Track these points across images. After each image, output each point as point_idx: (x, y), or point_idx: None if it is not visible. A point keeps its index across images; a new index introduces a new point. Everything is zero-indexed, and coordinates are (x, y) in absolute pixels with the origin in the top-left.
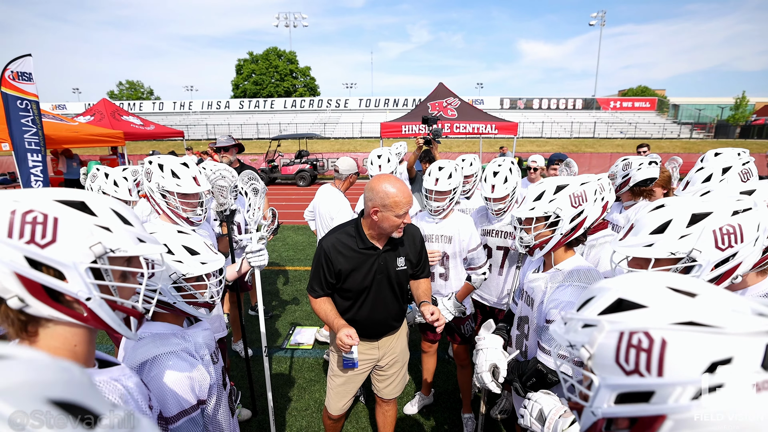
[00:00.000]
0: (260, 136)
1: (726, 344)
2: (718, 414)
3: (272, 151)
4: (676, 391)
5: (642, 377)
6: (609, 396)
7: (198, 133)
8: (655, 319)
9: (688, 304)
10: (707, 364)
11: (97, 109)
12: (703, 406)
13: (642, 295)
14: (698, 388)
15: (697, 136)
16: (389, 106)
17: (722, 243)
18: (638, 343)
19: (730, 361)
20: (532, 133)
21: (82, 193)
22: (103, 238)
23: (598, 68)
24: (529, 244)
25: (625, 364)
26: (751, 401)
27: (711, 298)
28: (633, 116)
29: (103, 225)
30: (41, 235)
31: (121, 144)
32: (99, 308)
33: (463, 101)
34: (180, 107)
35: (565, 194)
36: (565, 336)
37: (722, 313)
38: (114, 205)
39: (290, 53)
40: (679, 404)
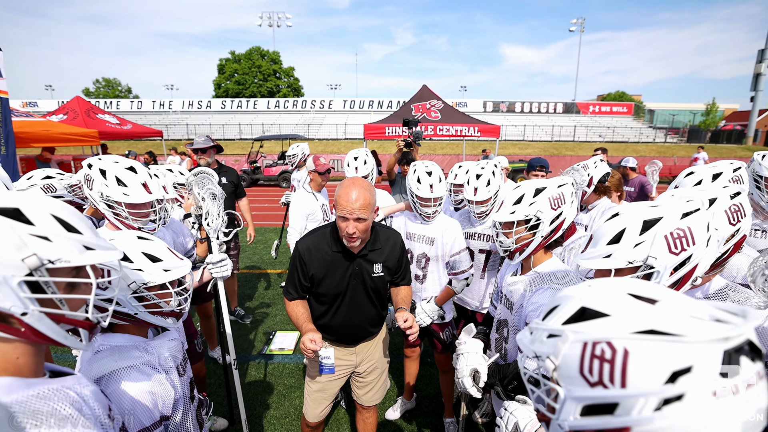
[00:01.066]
0: (243, 137)
1: (686, 353)
2: (680, 423)
3: (255, 152)
4: (639, 403)
5: (606, 389)
6: (575, 408)
7: (178, 132)
8: (617, 329)
9: (648, 312)
10: (668, 374)
11: (70, 107)
12: (665, 416)
13: (604, 304)
14: (660, 399)
15: (671, 141)
16: (374, 107)
17: (675, 247)
18: (601, 354)
19: (690, 370)
20: (514, 136)
21: (17, 199)
22: (38, 248)
23: (578, 73)
24: (509, 247)
25: (589, 375)
26: (710, 409)
27: (671, 304)
28: (611, 120)
29: (41, 234)
30: None
31: (96, 143)
32: (38, 322)
33: (446, 104)
34: (159, 106)
35: (544, 197)
36: (531, 346)
37: (682, 321)
38: (56, 211)
39: (274, 53)
40: (642, 416)
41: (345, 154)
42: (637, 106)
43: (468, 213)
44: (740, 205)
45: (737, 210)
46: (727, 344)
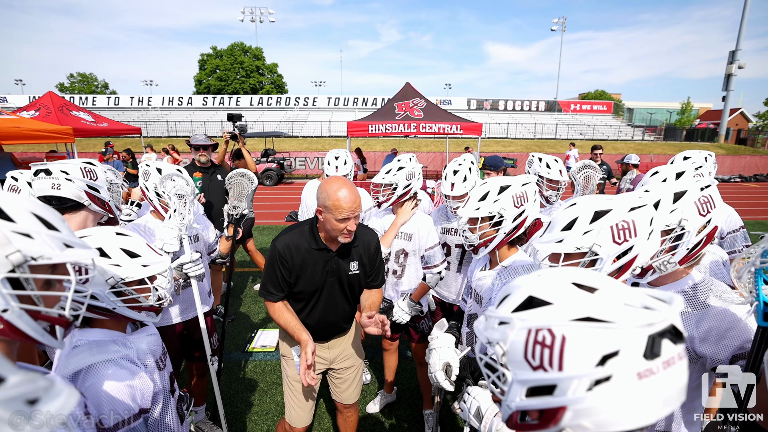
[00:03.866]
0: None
1: (614, 338)
2: (607, 401)
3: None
4: (573, 384)
5: (546, 372)
6: (520, 390)
7: (158, 130)
8: (557, 316)
9: (586, 301)
10: (599, 358)
11: (42, 102)
12: (596, 396)
13: (548, 293)
14: (592, 380)
15: (648, 138)
16: (358, 105)
17: (618, 237)
18: (543, 340)
19: (617, 354)
20: (497, 134)
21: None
22: (22, 245)
23: (559, 72)
24: (473, 242)
25: (532, 359)
26: (634, 388)
27: (608, 293)
28: (591, 119)
29: (23, 231)
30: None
31: (70, 141)
32: (18, 319)
33: (429, 102)
34: (138, 102)
35: (508, 195)
36: (484, 333)
37: (614, 309)
38: (36, 209)
39: (256, 49)
40: (576, 396)
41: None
42: (616, 104)
43: (446, 209)
44: (710, 197)
45: (707, 201)
46: (651, 329)
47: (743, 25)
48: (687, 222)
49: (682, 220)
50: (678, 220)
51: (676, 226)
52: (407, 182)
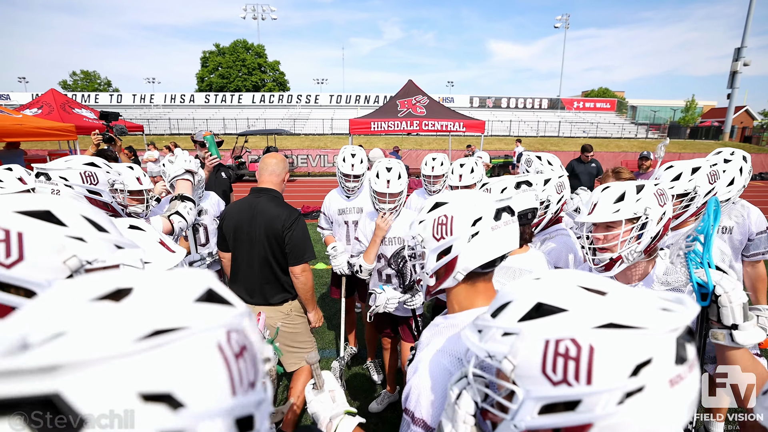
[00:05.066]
0: (227, 132)
1: (647, 345)
2: (639, 414)
3: (239, 147)
4: (603, 398)
5: (570, 387)
6: (534, 408)
7: (160, 127)
8: (578, 324)
9: (603, 304)
10: (632, 368)
11: (44, 100)
12: (627, 409)
13: (559, 298)
14: (623, 392)
15: (652, 136)
16: (360, 102)
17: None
18: (566, 352)
19: (651, 362)
20: (500, 132)
21: (47, 201)
22: (77, 250)
23: (562, 69)
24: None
25: (552, 374)
26: (666, 397)
27: (619, 295)
28: (595, 116)
29: (76, 235)
30: (5, 254)
31: (72, 138)
32: None
33: (431, 99)
34: (140, 100)
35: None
36: (483, 346)
37: (636, 312)
38: (85, 211)
39: (258, 46)
40: (605, 411)
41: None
42: (619, 102)
43: None
44: (664, 190)
45: (663, 194)
46: (677, 333)
47: (749, 22)
48: (651, 210)
49: (647, 208)
50: (644, 209)
51: (642, 214)
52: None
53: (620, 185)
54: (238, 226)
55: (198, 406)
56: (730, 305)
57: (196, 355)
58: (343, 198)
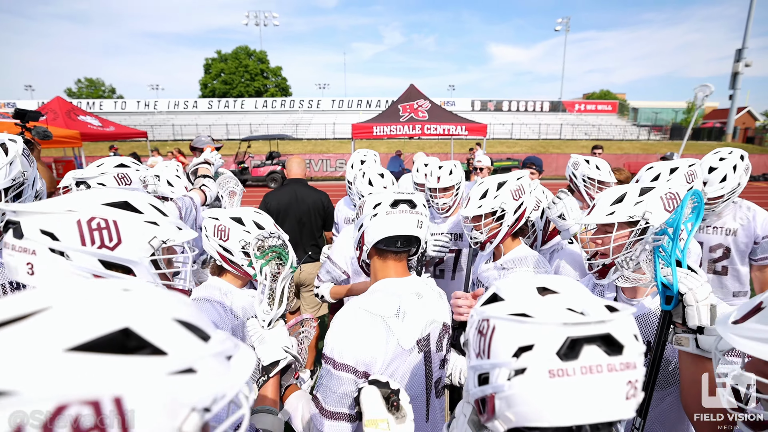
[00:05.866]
0: (230, 137)
1: (531, 333)
2: (524, 394)
3: (242, 153)
4: (496, 372)
5: (481, 359)
6: (474, 377)
7: (164, 133)
8: (499, 310)
9: (532, 300)
10: (515, 349)
11: (50, 107)
12: (513, 386)
13: (507, 291)
14: (510, 370)
15: (654, 138)
16: (362, 107)
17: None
18: (482, 329)
19: (532, 348)
20: (502, 135)
21: (121, 193)
22: (156, 232)
23: (563, 72)
24: (480, 239)
25: (476, 347)
26: (544, 385)
27: (562, 297)
28: (596, 119)
29: (151, 220)
30: (109, 239)
31: (77, 145)
32: None
33: (433, 103)
34: (144, 106)
35: (506, 189)
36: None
37: (548, 308)
38: (151, 200)
39: (261, 52)
40: (498, 383)
41: (333, 153)
42: (621, 104)
43: (431, 211)
44: (521, 186)
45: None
46: (568, 330)
47: (749, 23)
48: (651, 215)
49: (646, 212)
50: (642, 212)
51: (640, 218)
52: None
53: (624, 187)
54: (284, 206)
55: None
56: (696, 304)
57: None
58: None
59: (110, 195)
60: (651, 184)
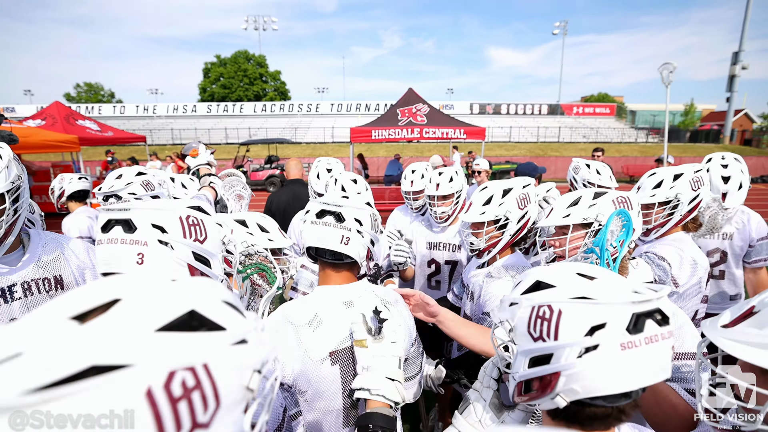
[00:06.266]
0: (229, 141)
1: (602, 312)
2: (594, 368)
3: (241, 156)
4: (566, 352)
5: (544, 342)
6: (524, 361)
7: (163, 138)
8: (557, 295)
9: (585, 284)
10: (587, 329)
11: (48, 112)
12: (584, 362)
13: (553, 278)
14: (581, 348)
15: (652, 140)
16: (361, 110)
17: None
18: (543, 314)
19: (604, 326)
20: (500, 138)
21: (190, 201)
22: (223, 232)
23: (561, 75)
24: (480, 247)
25: (533, 332)
26: (617, 357)
27: (605, 280)
28: (594, 121)
29: (217, 222)
30: (201, 234)
31: (76, 150)
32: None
33: (432, 107)
34: (143, 111)
35: (512, 197)
36: (498, 314)
37: (606, 290)
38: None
39: (260, 57)
40: (568, 362)
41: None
42: (619, 107)
43: (428, 218)
44: (527, 194)
45: (625, 201)
46: (635, 308)
47: (746, 26)
48: (603, 217)
49: (599, 215)
50: (596, 215)
51: (593, 221)
52: None
53: (579, 191)
54: (284, 205)
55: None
56: None
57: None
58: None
59: (187, 202)
60: (602, 190)
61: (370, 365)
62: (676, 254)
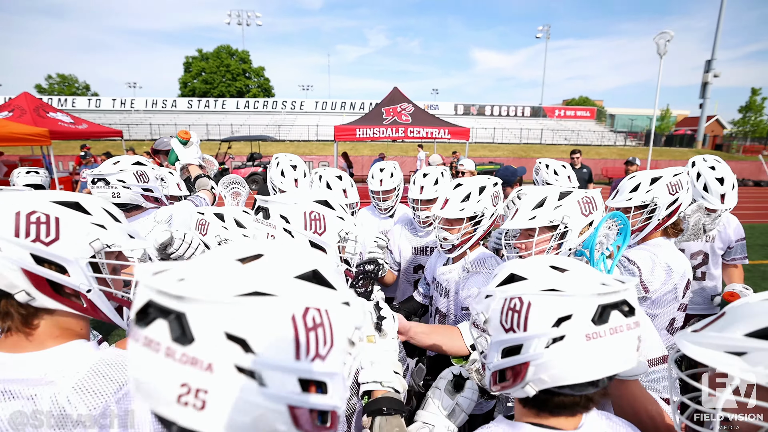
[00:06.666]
0: (210, 138)
1: (568, 304)
2: (561, 357)
3: (223, 154)
4: (534, 342)
5: (515, 333)
6: (497, 352)
7: (141, 133)
8: (528, 287)
9: (555, 276)
10: (555, 320)
11: (16, 103)
12: (552, 352)
13: (526, 270)
14: (549, 339)
15: (630, 144)
16: (346, 109)
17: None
18: (514, 306)
19: (570, 318)
20: (484, 139)
21: (75, 195)
22: (100, 234)
23: (544, 78)
24: (454, 242)
25: (505, 323)
26: (582, 347)
27: (576, 273)
28: (575, 124)
29: (99, 223)
30: (45, 234)
31: (46, 144)
32: (98, 299)
33: (417, 106)
34: (120, 105)
35: (488, 194)
36: (475, 306)
37: (574, 283)
38: (105, 204)
39: (243, 52)
40: (536, 352)
41: (316, 155)
42: (599, 110)
43: (411, 222)
44: (499, 192)
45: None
46: (600, 299)
47: (718, 36)
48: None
49: (564, 216)
50: (562, 216)
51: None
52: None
53: (543, 191)
54: None
55: (264, 356)
56: None
57: (272, 318)
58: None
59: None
60: (569, 189)
61: (377, 360)
62: (648, 259)
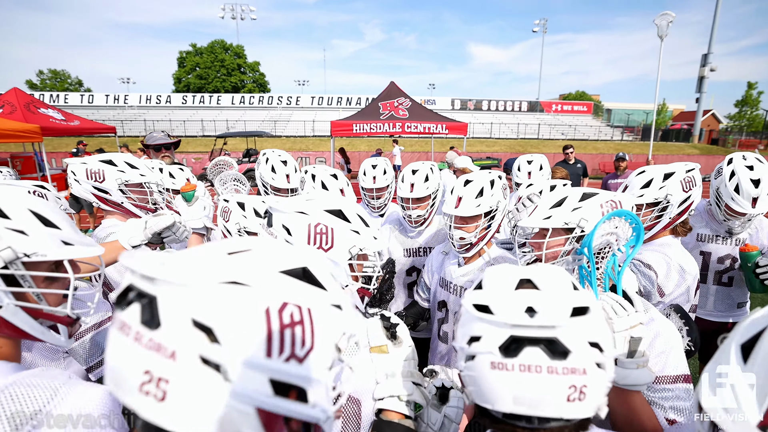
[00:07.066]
0: (205, 134)
1: (481, 327)
2: (473, 376)
3: (218, 150)
4: (459, 354)
5: (456, 342)
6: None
7: (135, 129)
8: (470, 298)
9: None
10: (468, 338)
11: (6, 99)
12: (467, 369)
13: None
14: (466, 354)
15: (627, 138)
16: (342, 104)
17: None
18: (461, 313)
19: (479, 339)
20: (481, 134)
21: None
22: (14, 242)
23: (541, 73)
24: (472, 240)
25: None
26: (486, 374)
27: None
28: (572, 119)
29: (17, 228)
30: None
31: (38, 140)
32: (13, 316)
33: (414, 101)
34: (114, 100)
35: (498, 188)
36: None
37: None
38: (34, 206)
39: (238, 47)
40: (462, 364)
41: (312, 151)
42: (596, 105)
43: (399, 221)
44: (506, 185)
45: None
46: (513, 331)
47: (714, 30)
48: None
49: (581, 219)
50: (579, 219)
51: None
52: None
53: (565, 191)
54: None
55: (231, 348)
56: (612, 334)
57: (243, 308)
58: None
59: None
60: (595, 190)
61: (394, 371)
62: (663, 262)
